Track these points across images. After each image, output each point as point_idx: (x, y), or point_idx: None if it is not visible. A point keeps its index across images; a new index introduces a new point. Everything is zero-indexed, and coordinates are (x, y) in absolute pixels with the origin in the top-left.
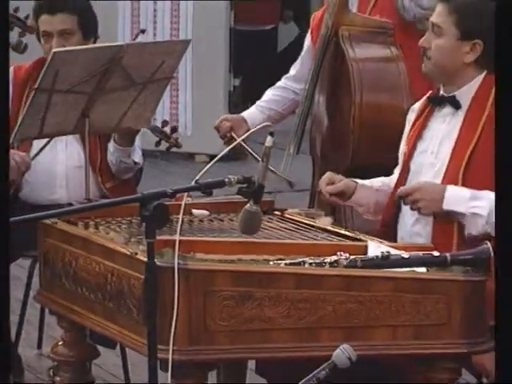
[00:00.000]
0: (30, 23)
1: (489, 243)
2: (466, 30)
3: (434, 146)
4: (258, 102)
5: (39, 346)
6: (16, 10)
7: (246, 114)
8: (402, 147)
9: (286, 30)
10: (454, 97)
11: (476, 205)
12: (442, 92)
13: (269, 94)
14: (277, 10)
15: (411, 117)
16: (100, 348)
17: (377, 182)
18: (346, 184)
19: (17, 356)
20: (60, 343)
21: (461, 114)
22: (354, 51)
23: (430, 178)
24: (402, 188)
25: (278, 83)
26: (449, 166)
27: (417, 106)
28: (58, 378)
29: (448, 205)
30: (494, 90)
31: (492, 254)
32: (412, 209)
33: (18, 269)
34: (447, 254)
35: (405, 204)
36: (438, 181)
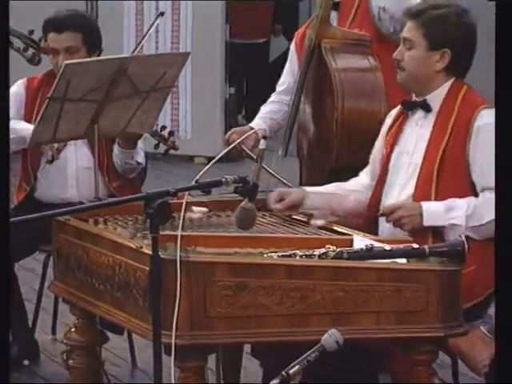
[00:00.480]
0: (43, 45)
1: (463, 236)
2: (435, 41)
3: (410, 147)
4: (259, 114)
5: (53, 331)
6: (31, 32)
7: (253, 124)
8: (376, 151)
9: (277, 42)
10: (425, 101)
11: (453, 216)
12: (414, 98)
13: (265, 109)
14: (268, 24)
15: (388, 122)
16: (109, 333)
17: (331, 187)
18: (293, 199)
19: (34, 341)
20: (72, 329)
21: (432, 117)
22: (336, 62)
23: (407, 177)
24: (384, 207)
25: (271, 99)
26: (423, 165)
27: (393, 112)
28: (70, 361)
29: (428, 221)
30: (461, 94)
31: (466, 246)
32: (395, 225)
33: (34, 262)
34: (425, 247)
35: (387, 221)
36: (414, 180)
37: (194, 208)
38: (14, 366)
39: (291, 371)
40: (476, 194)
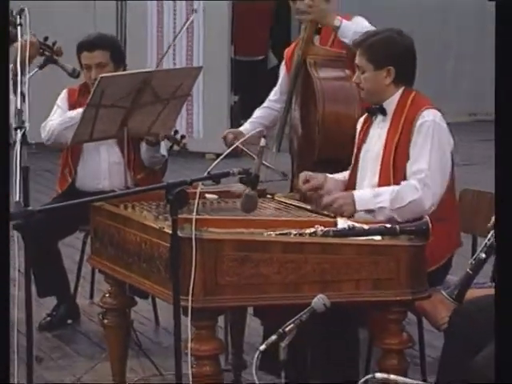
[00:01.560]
0: (56, 48)
1: (427, 217)
2: (378, 62)
3: (373, 145)
4: (249, 119)
5: (91, 296)
6: (46, 38)
7: (242, 128)
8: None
9: (274, 57)
10: (381, 106)
11: (379, 200)
12: (373, 106)
13: (257, 113)
14: (266, 45)
15: (358, 128)
16: (136, 298)
17: (340, 175)
18: (318, 180)
19: (75, 304)
20: (107, 295)
21: (388, 120)
22: (318, 73)
23: (373, 168)
24: (324, 200)
25: (263, 105)
26: (383, 159)
27: (361, 119)
28: (105, 321)
29: (359, 206)
30: (410, 98)
31: (430, 226)
32: (337, 213)
33: (75, 239)
34: (396, 226)
35: (330, 212)
36: (377, 171)
37: (207, 195)
38: (60, 325)
39: (287, 329)
40: None
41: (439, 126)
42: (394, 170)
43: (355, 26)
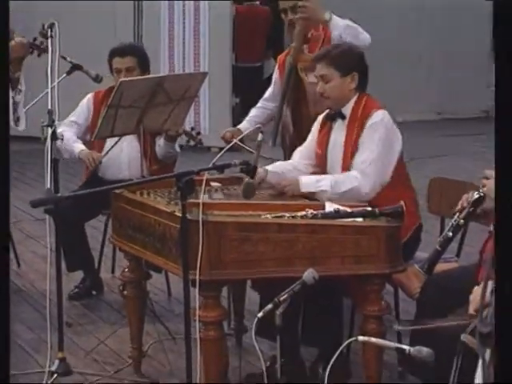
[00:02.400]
0: (43, 46)
1: (402, 202)
2: (344, 69)
3: (336, 145)
4: (246, 118)
5: (113, 271)
6: (35, 39)
7: (240, 126)
8: (310, 140)
9: (269, 64)
10: (340, 111)
11: (321, 185)
12: (333, 111)
13: (253, 112)
14: (262, 53)
15: (316, 125)
16: (152, 272)
17: (281, 165)
18: (261, 174)
19: (99, 278)
20: (126, 269)
21: (346, 123)
22: (308, 77)
23: (338, 164)
24: (280, 183)
25: (257, 105)
26: (344, 155)
27: (320, 118)
28: (125, 292)
29: (304, 188)
30: (363, 102)
31: (404, 209)
32: (284, 192)
33: (98, 222)
34: (376, 209)
35: (284, 191)
36: (340, 165)
37: (212, 183)
38: (86, 295)
39: (281, 298)
40: None
41: (386, 124)
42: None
43: (346, 21)
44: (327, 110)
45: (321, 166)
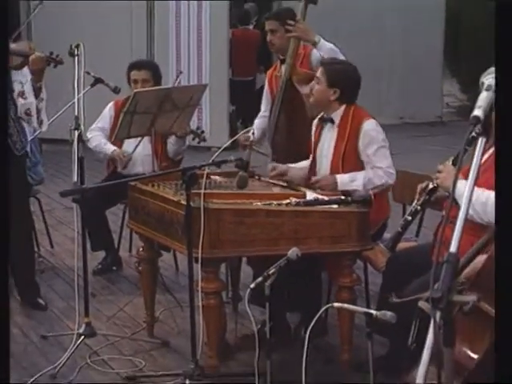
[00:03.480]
0: (58, 59)
1: (370, 191)
2: (331, 82)
3: (326, 147)
4: (254, 126)
5: (130, 250)
6: (51, 53)
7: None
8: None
9: (260, 78)
10: (330, 117)
11: (355, 184)
12: (325, 116)
13: (256, 122)
14: (254, 67)
15: (314, 127)
16: (162, 251)
17: (301, 163)
18: (281, 169)
19: (118, 256)
20: (140, 249)
21: (335, 127)
22: (302, 88)
23: (326, 164)
24: (312, 179)
25: (259, 114)
26: (333, 157)
27: (315, 121)
28: (140, 268)
29: (340, 187)
30: (351, 112)
31: (372, 197)
32: (322, 189)
33: (117, 209)
34: (349, 197)
35: (315, 189)
36: (329, 166)
37: (212, 176)
38: (107, 271)
39: (270, 272)
40: (361, 169)
41: (377, 131)
42: (342, 164)
43: (331, 45)
44: (320, 114)
45: (313, 161)
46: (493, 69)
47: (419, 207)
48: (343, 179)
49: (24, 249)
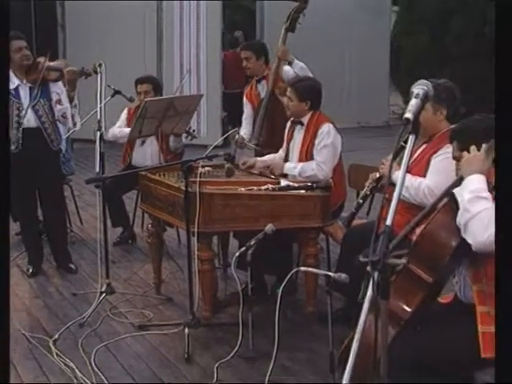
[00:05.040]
0: (87, 71)
1: (330, 180)
2: (301, 97)
3: (296, 144)
4: (241, 131)
5: (142, 226)
6: (82, 68)
7: (241, 134)
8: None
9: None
10: (301, 121)
11: (295, 171)
12: (296, 119)
13: (243, 127)
14: (242, 82)
15: (287, 129)
16: (167, 227)
17: (266, 157)
18: (250, 162)
19: (133, 231)
20: (150, 225)
21: (303, 129)
22: (283, 98)
23: (295, 158)
24: (271, 167)
25: (243, 123)
26: (300, 153)
27: (288, 123)
28: (149, 240)
29: (285, 171)
30: (315, 117)
31: (332, 184)
32: (272, 173)
33: (132, 194)
34: (314, 184)
35: (270, 173)
36: (298, 157)
37: (206, 168)
38: (124, 243)
39: (251, 243)
40: None
41: (330, 133)
42: (306, 158)
43: (302, 63)
44: (292, 118)
45: (286, 155)
46: (421, 81)
47: (369, 192)
48: (288, 166)
49: (59, 225)
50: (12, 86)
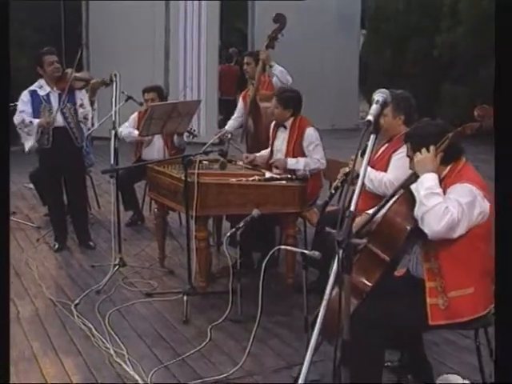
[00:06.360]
0: (107, 82)
1: (307, 172)
2: (285, 106)
3: (280, 143)
4: (228, 124)
5: (150, 210)
6: (103, 79)
7: (226, 127)
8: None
9: (239, 97)
10: (284, 124)
11: (298, 165)
12: (279, 123)
13: (230, 121)
14: (235, 90)
15: (271, 130)
16: (170, 211)
17: (262, 152)
18: (251, 158)
19: (142, 214)
20: (156, 210)
21: (287, 131)
22: (263, 104)
23: (282, 155)
24: (271, 160)
25: (232, 117)
26: (286, 151)
27: (272, 125)
28: (155, 222)
29: (289, 166)
30: (298, 120)
31: (309, 176)
32: (276, 168)
33: (142, 183)
34: (293, 176)
35: (274, 167)
36: (284, 154)
37: (203, 161)
38: (134, 224)
39: (240, 225)
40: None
41: (315, 135)
42: (292, 154)
43: (281, 68)
44: (274, 121)
45: (271, 152)
46: (380, 89)
47: (339, 184)
48: (291, 161)
49: (81, 209)
50: (44, 93)
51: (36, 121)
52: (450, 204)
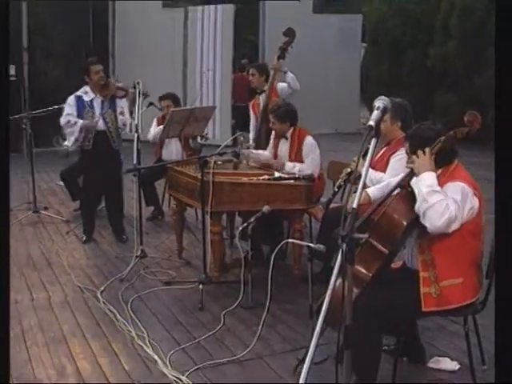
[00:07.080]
0: (144, 92)
1: (313, 174)
2: (282, 121)
3: (283, 150)
4: (251, 138)
5: (169, 206)
6: (145, 91)
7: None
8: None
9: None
10: (285, 136)
11: (295, 169)
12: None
13: (251, 135)
14: (246, 97)
15: (271, 138)
16: (187, 208)
17: (265, 151)
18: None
19: (161, 209)
20: (174, 206)
21: (288, 141)
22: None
23: (285, 160)
24: (272, 163)
25: (251, 129)
26: (290, 155)
27: (273, 134)
28: (174, 217)
29: (286, 168)
30: (297, 131)
31: (315, 176)
32: (276, 169)
33: (162, 181)
34: (300, 176)
35: (275, 169)
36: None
37: (218, 162)
38: (155, 219)
39: (251, 220)
40: None
41: (313, 144)
42: (295, 159)
43: (292, 74)
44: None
45: (274, 156)
46: (381, 97)
47: (342, 183)
48: (288, 165)
49: (118, 206)
50: (88, 99)
51: (80, 121)
52: (448, 202)
